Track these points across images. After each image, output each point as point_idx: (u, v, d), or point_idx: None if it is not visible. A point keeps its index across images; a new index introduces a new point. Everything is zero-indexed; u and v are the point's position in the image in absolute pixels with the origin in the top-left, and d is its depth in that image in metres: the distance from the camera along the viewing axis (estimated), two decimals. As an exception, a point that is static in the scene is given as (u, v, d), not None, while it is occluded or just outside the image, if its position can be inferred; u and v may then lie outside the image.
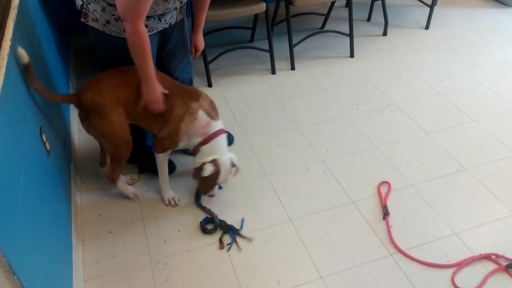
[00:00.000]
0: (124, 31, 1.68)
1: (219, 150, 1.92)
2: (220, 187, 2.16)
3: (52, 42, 2.51)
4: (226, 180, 2.16)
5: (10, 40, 1.57)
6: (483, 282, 1.73)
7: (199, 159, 1.94)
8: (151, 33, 1.87)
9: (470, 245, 1.88)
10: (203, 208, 2.06)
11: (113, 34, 1.81)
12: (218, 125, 1.94)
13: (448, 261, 1.82)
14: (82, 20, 1.82)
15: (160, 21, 1.85)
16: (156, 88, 1.79)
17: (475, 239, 1.91)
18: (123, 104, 1.84)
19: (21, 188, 1.30)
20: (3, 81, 1.37)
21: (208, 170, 1.88)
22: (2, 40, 1.55)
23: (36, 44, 2.04)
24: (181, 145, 1.94)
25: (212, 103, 1.97)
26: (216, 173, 1.91)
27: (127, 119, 1.89)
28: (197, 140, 1.92)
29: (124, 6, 1.59)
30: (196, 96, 1.91)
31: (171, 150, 2.00)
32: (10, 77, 1.45)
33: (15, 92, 1.49)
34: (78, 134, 2.52)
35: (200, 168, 1.91)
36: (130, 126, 2.05)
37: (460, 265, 1.80)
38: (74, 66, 3.11)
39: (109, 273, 1.81)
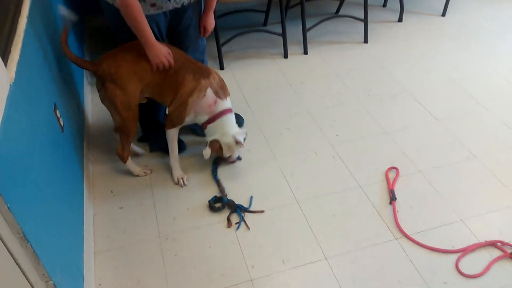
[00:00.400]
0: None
1: (223, 130, 2.03)
2: (239, 158, 2.25)
3: (69, 21, 2.54)
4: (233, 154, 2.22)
5: (27, 17, 1.61)
6: (487, 268, 1.74)
7: (206, 138, 2.08)
8: (160, 11, 1.91)
9: (476, 232, 1.89)
10: (218, 184, 2.11)
11: None
12: (225, 104, 2.03)
13: (453, 246, 1.83)
14: None
15: (169, 0, 1.87)
16: (158, 49, 1.86)
17: (481, 226, 1.91)
18: (137, 77, 1.92)
19: (36, 160, 1.35)
20: (19, 56, 1.40)
21: (206, 153, 2.03)
22: (19, 17, 1.58)
23: (52, 21, 2.08)
24: (188, 120, 2.03)
25: (221, 82, 2.04)
26: (219, 151, 2.05)
27: (141, 92, 1.96)
28: (204, 118, 2.02)
29: None
30: (206, 73, 1.98)
31: (180, 126, 2.05)
32: (26, 53, 1.49)
33: (31, 68, 1.53)
34: (92, 112, 2.57)
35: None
36: (142, 104, 2.11)
37: (465, 251, 1.80)
38: (89, 45, 3.15)
39: (119, 247, 1.86)
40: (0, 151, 1.07)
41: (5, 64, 1.31)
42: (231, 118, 2.06)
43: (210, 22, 2.12)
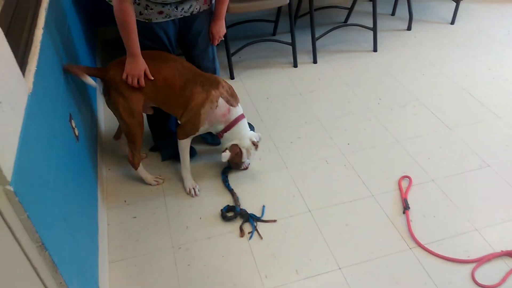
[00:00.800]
0: (141, 14, 1.85)
1: (240, 135, 2.07)
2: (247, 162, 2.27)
3: (81, 32, 2.58)
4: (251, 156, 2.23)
5: (43, 28, 1.63)
6: (504, 279, 1.72)
7: (223, 145, 2.11)
8: (168, 19, 1.93)
9: (491, 242, 1.87)
10: (232, 194, 2.12)
11: None
12: (237, 111, 2.06)
13: (468, 256, 1.82)
14: (106, 0, 1.93)
15: (177, 9, 1.89)
16: (137, 64, 1.87)
17: (496, 235, 1.89)
18: (141, 89, 1.93)
19: (52, 170, 1.36)
20: (36, 67, 1.42)
21: (225, 156, 2.03)
22: (35, 28, 1.61)
23: (66, 32, 2.11)
24: (202, 129, 2.04)
25: (231, 89, 2.06)
26: (239, 155, 2.08)
27: (146, 101, 1.99)
28: (220, 127, 2.06)
29: None
30: (215, 83, 1.98)
31: (193, 136, 2.06)
32: (43, 64, 1.51)
33: (47, 78, 1.55)
34: (105, 122, 2.59)
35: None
36: (152, 114, 2.13)
37: (480, 261, 1.79)
38: (101, 56, 3.18)
39: (133, 257, 1.86)
40: (19, 160, 1.08)
41: (23, 75, 1.33)
42: (245, 123, 2.10)
43: (218, 29, 2.11)
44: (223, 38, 2.21)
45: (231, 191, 2.14)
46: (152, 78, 1.91)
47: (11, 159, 1.04)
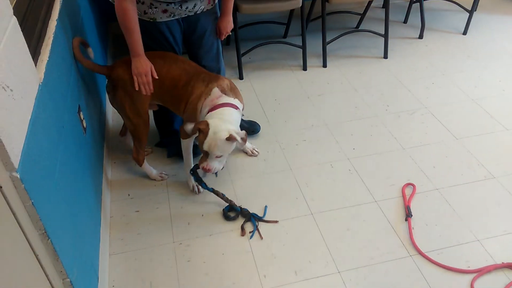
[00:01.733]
0: (145, 13, 1.86)
1: (219, 118, 1.81)
2: (215, 174, 2.06)
3: (93, 26, 2.61)
4: (253, 154, 2.23)
5: (57, 20, 1.66)
6: (503, 291, 1.72)
7: None
8: (173, 18, 1.94)
9: (493, 253, 1.86)
10: (216, 193, 2.02)
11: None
12: (230, 100, 1.88)
13: (469, 266, 1.81)
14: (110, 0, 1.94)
15: (181, 7, 1.90)
16: (141, 62, 1.85)
17: (498, 247, 1.88)
18: None
19: (59, 160, 1.38)
20: (48, 57, 1.45)
21: (188, 127, 1.83)
22: (49, 20, 1.64)
23: (79, 25, 2.13)
24: None
25: (231, 85, 1.96)
26: (203, 132, 1.78)
27: (152, 99, 1.99)
28: (205, 111, 1.88)
29: None
30: (215, 78, 1.93)
31: (195, 136, 2.02)
32: (55, 55, 1.53)
33: (58, 69, 1.57)
34: (112, 116, 2.61)
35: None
36: (159, 111, 2.14)
37: (480, 272, 1.78)
38: (112, 51, 3.21)
39: (134, 250, 1.88)
40: (27, 148, 1.10)
41: (35, 65, 1.35)
42: (234, 113, 1.86)
43: (226, 25, 2.10)
44: (230, 34, 2.19)
45: (212, 191, 2.03)
46: (157, 77, 1.89)
47: (19, 147, 1.06)
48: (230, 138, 1.77)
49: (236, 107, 1.89)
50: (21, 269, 1.07)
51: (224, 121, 1.80)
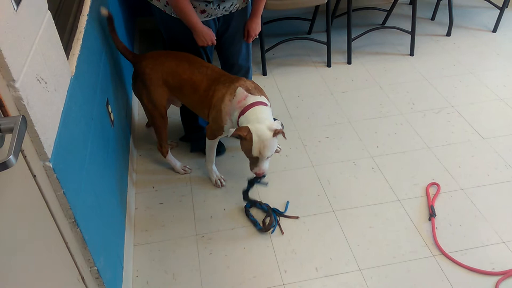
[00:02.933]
0: None
1: (255, 119, 1.78)
2: (265, 182, 2.02)
3: (121, 21, 2.66)
4: (276, 151, 2.19)
5: (87, 14, 1.70)
6: (529, 295, 1.68)
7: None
8: (210, 18, 1.96)
9: (519, 256, 1.82)
10: (252, 203, 2.03)
11: (172, 15, 1.92)
12: (257, 98, 1.84)
13: (493, 268, 1.78)
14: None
15: (219, 7, 1.92)
16: (204, 32, 1.94)
17: (525, 250, 1.85)
18: (167, 86, 1.98)
19: (88, 151, 1.42)
20: (79, 52, 1.48)
21: (230, 131, 1.78)
22: (80, 14, 1.68)
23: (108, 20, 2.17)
24: (227, 127, 1.94)
25: (254, 84, 1.92)
26: (248, 140, 1.76)
27: (170, 99, 2.05)
28: (236, 114, 1.86)
29: None
30: (237, 79, 1.91)
31: (220, 137, 2.03)
32: (85, 49, 1.57)
33: (89, 63, 1.61)
34: (138, 110, 2.66)
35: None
36: (183, 107, 2.17)
37: (506, 274, 1.75)
38: (139, 45, 3.26)
39: (157, 242, 1.92)
40: (59, 139, 1.14)
41: (67, 58, 1.38)
42: (266, 110, 1.83)
43: (255, 27, 2.11)
44: (257, 36, 2.21)
45: (248, 202, 2.03)
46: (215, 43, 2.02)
47: (52, 137, 1.10)
48: (276, 133, 1.76)
49: (266, 104, 1.86)
50: (51, 256, 1.11)
51: (260, 121, 1.78)
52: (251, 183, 1.96)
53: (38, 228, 1.04)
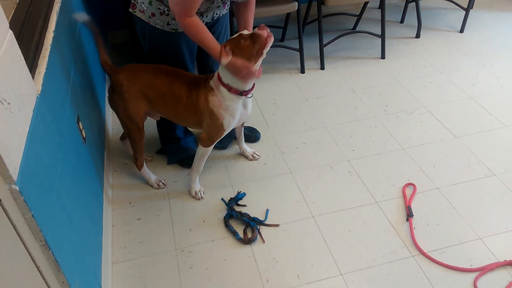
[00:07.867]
0: (168, 24, 1.85)
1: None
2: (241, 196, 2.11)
3: (92, 36, 2.62)
4: (254, 158, 2.22)
5: (53, 31, 1.67)
6: (506, 289, 1.71)
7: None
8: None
9: (495, 251, 1.86)
10: (238, 215, 2.02)
11: (157, 26, 1.90)
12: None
13: (471, 265, 1.81)
14: (130, 10, 1.95)
15: (202, 16, 1.91)
16: (238, 64, 1.80)
17: (500, 245, 1.88)
18: (146, 99, 1.95)
19: (58, 170, 1.39)
20: (46, 69, 1.46)
21: (224, 60, 1.78)
22: (46, 31, 1.65)
23: (76, 36, 2.15)
24: (232, 122, 1.95)
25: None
26: (249, 40, 1.81)
27: (152, 110, 2.01)
28: (221, 89, 1.88)
29: (173, 1, 1.70)
30: (207, 77, 1.94)
31: (219, 139, 2.02)
32: (52, 66, 1.54)
33: (56, 81, 1.58)
34: (112, 125, 2.62)
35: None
36: (160, 119, 2.15)
37: (483, 270, 1.78)
38: (111, 59, 3.22)
39: (136, 258, 1.88)
40: (26, 160, 1.11)
41: (33, 77, 1.36)
42: None
43: None
44: None
45: (247, 220, 2.00)
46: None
47: (18, 159, 1.07)
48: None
49: None
50: (23, 281, 1.08)
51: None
52: (230, 207, 2.04)
53: (6, 253, 1.01)
